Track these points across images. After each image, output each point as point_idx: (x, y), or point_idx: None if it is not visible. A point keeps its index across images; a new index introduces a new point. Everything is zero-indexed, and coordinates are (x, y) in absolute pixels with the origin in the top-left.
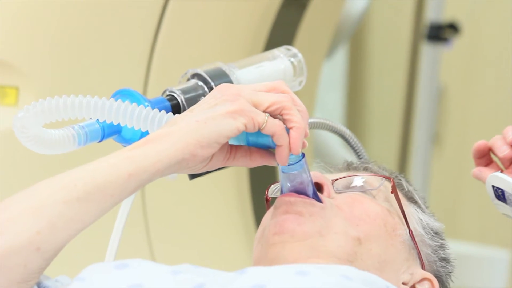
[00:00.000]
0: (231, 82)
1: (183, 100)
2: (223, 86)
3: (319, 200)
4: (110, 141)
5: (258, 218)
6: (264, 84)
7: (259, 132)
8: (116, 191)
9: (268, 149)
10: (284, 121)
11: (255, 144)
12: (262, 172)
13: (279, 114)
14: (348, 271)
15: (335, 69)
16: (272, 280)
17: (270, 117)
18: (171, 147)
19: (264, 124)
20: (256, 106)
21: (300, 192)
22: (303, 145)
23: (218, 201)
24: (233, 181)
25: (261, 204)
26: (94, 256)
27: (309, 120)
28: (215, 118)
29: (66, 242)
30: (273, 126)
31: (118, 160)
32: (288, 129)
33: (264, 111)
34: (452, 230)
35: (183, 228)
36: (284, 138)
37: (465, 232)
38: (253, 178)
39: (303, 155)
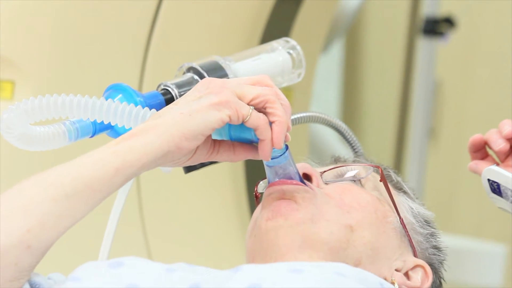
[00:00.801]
0: (226, 75)
1: (177, 94)
2: (207, 79)
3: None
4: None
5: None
6: (248, 78)
7: (242, 126)
8: (104, 186)
9: (251, 143)
10: (266, 114)
11: (238, 138)
12: (258, 168)
13: (262, 108)
14: (342, 268)
15: (331, 63)
16: (268, 278)
17: (254, 110)
18: (157, 140)
19: (248, 116)
20: (240, 98)
21: None
22: (286, 139)
23: (214, 197)
24: (229, 177)
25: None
26: (88, 253)
27: (306, 114)
28: (200, 110)
29: (56, 239)
30: (257, 119)
31: (105, 155)
32: (270, 123)
33: (248, 104)
34: (448, 225)
35: (180, 225)
36: (267, 132)
37: (462, 227)
38: (249, 174)
39: (287, 147)
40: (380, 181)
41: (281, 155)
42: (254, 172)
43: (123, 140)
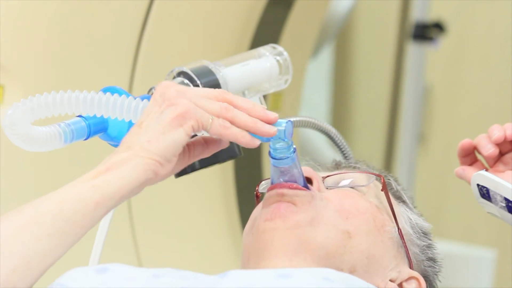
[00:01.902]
0: (216, 80)
1: None
2: (163, 86)
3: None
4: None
5: (244, 219)
6: (208, 92)
7: None
8: (86, 222)
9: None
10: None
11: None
12: (248, 173)
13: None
14: (329, 273)
15: (320, 68)
16: (255, 284)
17: (215, 119)
18: (133, 172)
19: (209, 126)
20: None
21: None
22: (271, 121)
23: (204, 202)
24: (219, 181)
25: (246, 205)
26: (79, 260)
27: (296, 119)
28: (165, 132)
29: (40, 276)
30: (218, 128)
31: (84, 190)
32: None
33: None
34: (437, 230)
35: (169, 229)
36: (233, 135)
37: (451, 232)
38: (239, 179)
39: (295, 149)
40: (382, 190)
41: (288, 157)
42: (244, 177)
43: (99, 174)
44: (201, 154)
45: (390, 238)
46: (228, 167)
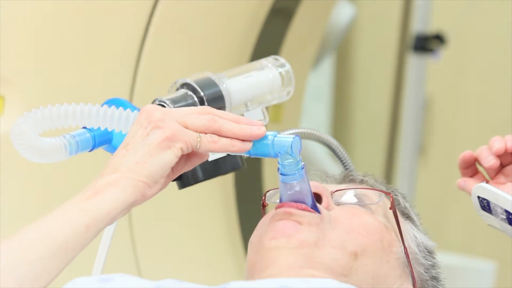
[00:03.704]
0: (220, 91)
1: None
2: (148, 110)
3: (318, 211)
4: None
5: (243, 228)
6: (190, 108)
7: (258, 142)
8: (77, 245)
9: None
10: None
11: (256, 154)
12: (248, 180)
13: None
14: (330, 283)
15: (321, 79)
16: None
17: (203, 135)
18: (122, 194)
19: (198, 144)
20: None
21: (299, 202)
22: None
23: (204, 211)
24: (219, 191)
25: (246, 215)
26: (79, 268)
27: (297, 130)
28: (152, 154)
29: None
30: (207, 145)
31: (74, 215)
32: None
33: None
34: (437, 241)
35: (169, 239)
36: (223, 147)
37: (451, 243)
38: (239, 189)
39: (303, 166)
40: (390, 208)
41: (296, 173)
42: (244, 184)
43: (89, 197)
44: (183, 169)
45: (396, 259)
46: (228, 177)
